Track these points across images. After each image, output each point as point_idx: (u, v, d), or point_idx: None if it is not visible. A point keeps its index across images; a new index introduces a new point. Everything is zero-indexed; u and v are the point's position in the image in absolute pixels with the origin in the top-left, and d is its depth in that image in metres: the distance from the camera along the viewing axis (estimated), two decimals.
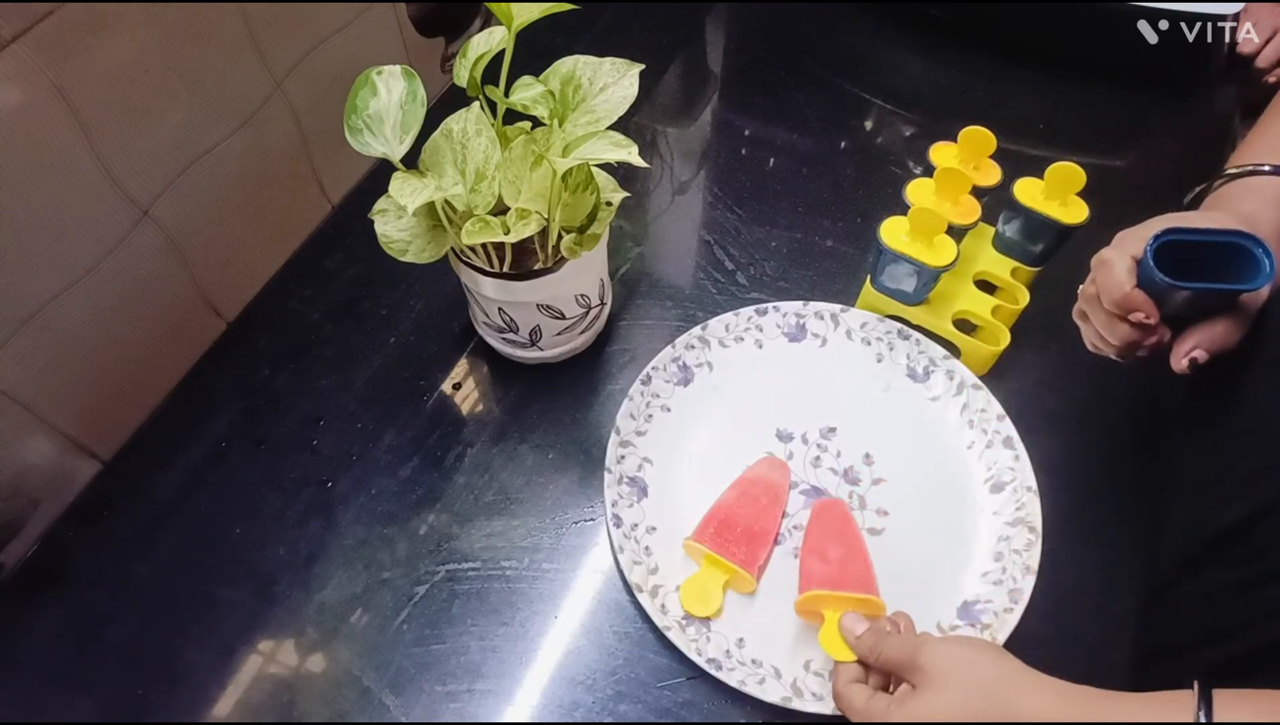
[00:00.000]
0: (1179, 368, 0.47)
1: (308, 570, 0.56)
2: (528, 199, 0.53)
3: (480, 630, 0.54)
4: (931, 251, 0.59)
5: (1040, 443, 0.58)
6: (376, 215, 0.54)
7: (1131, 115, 0.83)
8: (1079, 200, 0.61)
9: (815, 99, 0.84)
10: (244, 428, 0.62)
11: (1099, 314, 0.49)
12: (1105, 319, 0.49)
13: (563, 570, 0.56)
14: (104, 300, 0.55)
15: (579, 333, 0.63)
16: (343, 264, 0.71)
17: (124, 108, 0.51)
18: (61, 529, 0.58)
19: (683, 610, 0.53)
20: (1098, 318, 0.50)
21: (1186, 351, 0.47)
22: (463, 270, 0.56)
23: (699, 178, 0.79)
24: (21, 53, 0.45)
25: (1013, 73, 0.86)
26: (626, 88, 0.52)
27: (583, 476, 0.60)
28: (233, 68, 0.59)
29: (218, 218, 0.62)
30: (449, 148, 0.53)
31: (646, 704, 0.51)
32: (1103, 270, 0.48)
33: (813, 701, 0.50)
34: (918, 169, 0.78)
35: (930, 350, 0.63)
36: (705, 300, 0.69)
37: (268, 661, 0.53)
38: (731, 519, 0.55)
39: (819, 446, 0.61)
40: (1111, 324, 0.48)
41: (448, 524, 0.58)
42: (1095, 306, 0.49)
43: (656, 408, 0.62)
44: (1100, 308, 0.49)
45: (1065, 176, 0.60)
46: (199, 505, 0.59)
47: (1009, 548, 0.55)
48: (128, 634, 0.54)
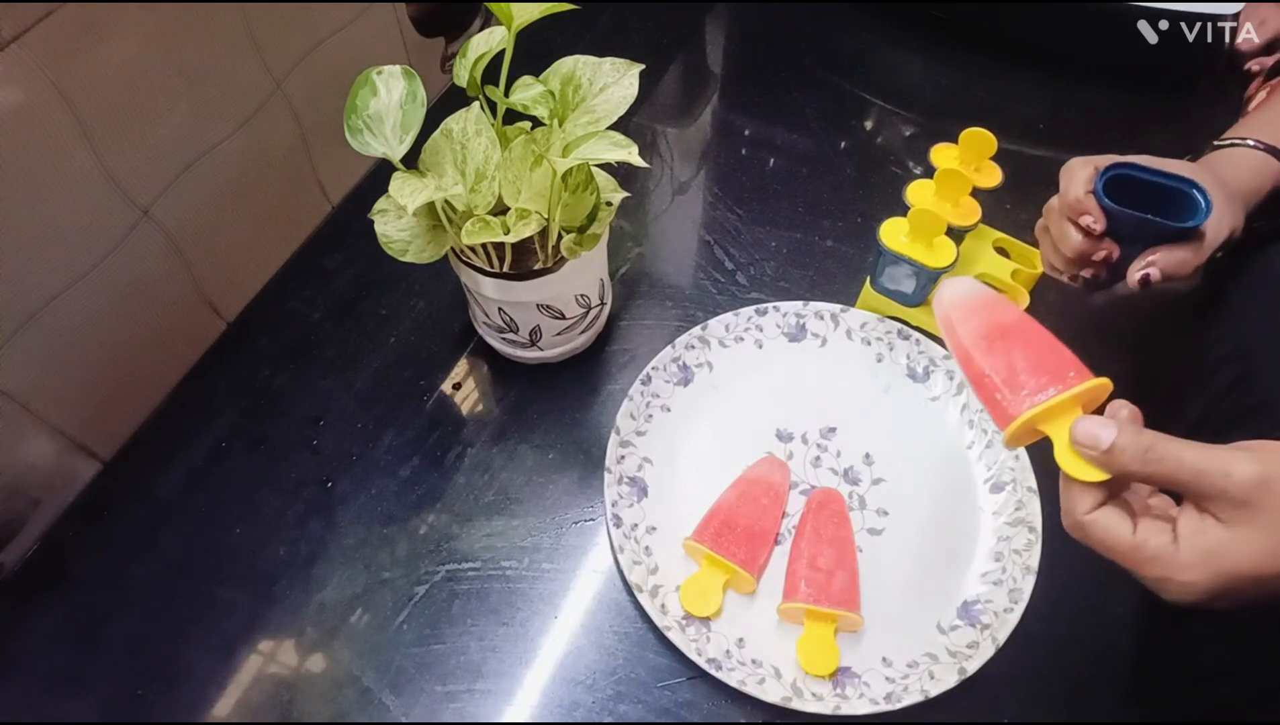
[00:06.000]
0: (1132, 282, 0.51)
1: (308, 570, 0.56)
2: (528, 199, 0.53)
3: (480, 630, 0.54)
4: (931, 253, 0.59)
5: (1040, 443, 0.58)
6: (376, 215, 0.54)
7: (1131, 115, 0.83)
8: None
9: (815, 99, 0.84)
10: (244, 428, 0.62)
11: (1056, 222, 0.53)
12: (1060, 225, 0.53)
13: (563, 570, 0.56)
14: (104, 300, 0.55)
15: (579, 333, 0.63)
16: (343, 264, 0.71)
17: (124, 108, 0.51)
18: (61, 529, 0.58)
19: (683, 610, 0.53)
20: (1055, 226, 0.54)
21: (1143, 266, 0.51)
22: (463, 270, 0.56)
23: (699, 178, 0.79)
24: (21, 53, 0.45)
25: (1013, 73, 0.86)
26: (626, 88, 0.52)
27: (583, 476, 0.60)
28: (232, 67, 0.59)
29: (218, 218, 0.62)
30: (449, 148, 0.54)
31: (646, 704, 0.51)
32: (1065, 174, 0.53)
33: (813, 701, 0.50)
34: (918, 169, 0.78)
35: (930, 350, 0.63)
36: (705, 300, 0.69)
37: (268, 661, 0.53)
38: (732, 519, 0.55)
39: (819, 446, 0.61)
40: (1064, 230, 0.52)
41: (448, 524, 0.58)
42: (1054, 215, 0.54)
43: (656, 408, 0.62)
44: (1058, 216, 0.53)
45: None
46: (199, 505, 0.59)
47: (1009, 548, 0.55)
48: (128, 634, 0.54)
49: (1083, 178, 0.51)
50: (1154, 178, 0.50)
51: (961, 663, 0.51)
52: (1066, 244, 0.53)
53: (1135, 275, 0.51)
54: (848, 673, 0.51)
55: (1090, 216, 0.50)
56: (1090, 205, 0.50)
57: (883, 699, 0.50)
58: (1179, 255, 0.50)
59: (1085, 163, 0.52)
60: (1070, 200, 0.51)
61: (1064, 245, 0.53)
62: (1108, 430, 0.35)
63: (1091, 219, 0.50)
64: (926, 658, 0.52)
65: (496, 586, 0.55)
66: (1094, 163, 0.52)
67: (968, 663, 0.50)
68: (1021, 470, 0.57)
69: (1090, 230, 0.51)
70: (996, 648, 0.51)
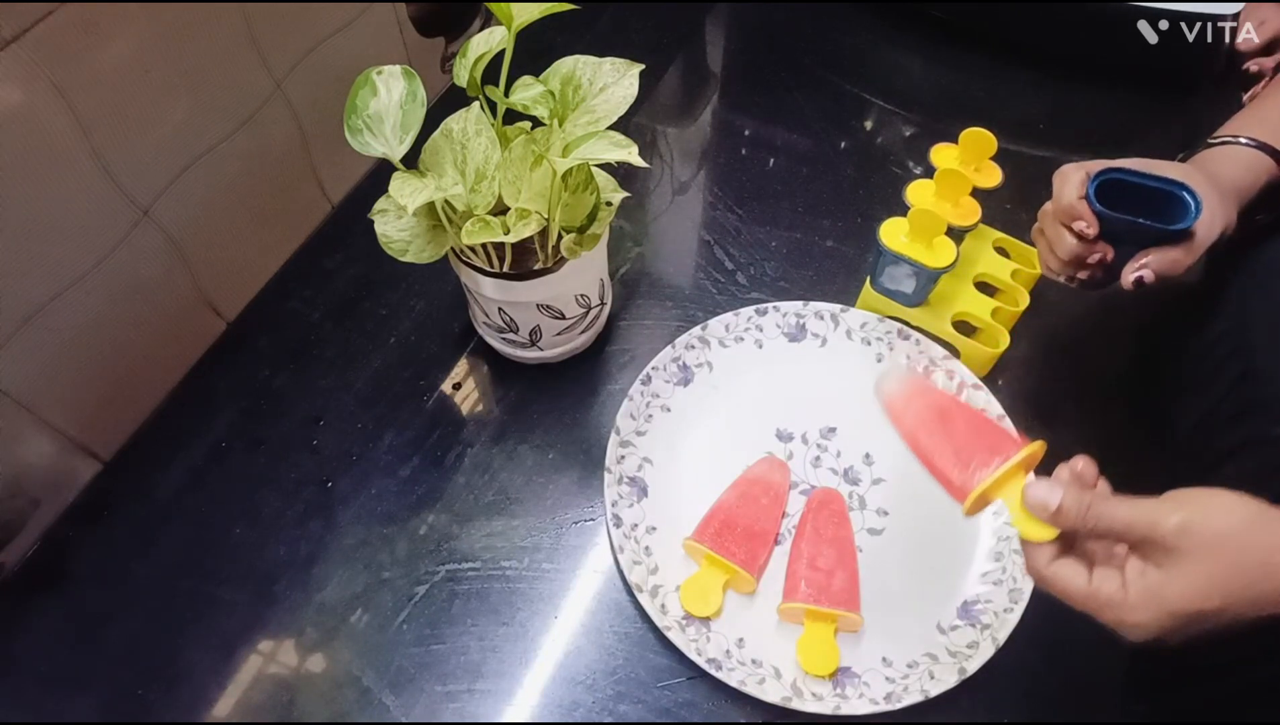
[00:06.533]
0: (1127, 283, 0.52)
1: (308, 570, 0.56)
2: (528, 199, 0.53)
3: (480, 630, 0.54)
4: (931, 253, 0.59)
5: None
6: (376, 215, 0.54)
7: (1131, 115, 0.83)
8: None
9: (815, 99, 0.84)
10: (244, 428, 0.62)
11: (1051, 226, 0.54)
12: (1055, 229, 0.54)
13: (563, 570, 0.56)
14: (104, 300, 0.55)
15: (579, 333, 0.63)
16: (343, 264, 0.71)
17: (124, 108, 0.51)
18: (61, 529, 0.58)
19: (683, 610, 0.53)
20: (1050, 230, 0.54)
21: (1136, 268, 0.51)
22: (463, 270, 0.56)
23: (699, 178, 0.79)
24: (21, 53, 0.45)
25: (1013, 73, 0.86)
26: (626, 88, 0.52)
27: (583, 476, 0.60)
28: (233, 67, 0.59)
29: (218, 218, 0.62)
30: (449, 148, 0.54)
31: (646, 704, 0.51)
32: (1058, 179, 0.53)
33: (813, 701, 0.50)
34: (918, 169, 0.78)
35: (930, 350, 0.63)
36: (705, 300, 0.69)
37: (268, 661, 0.53)
38: (732, 519, 0.55)
39: (819, 446, 0.61)
40: (1059, 234, 0.53)
41: (448, 524, 0.58)
42: (1049, 219, 0.55)
43: (656, 408, 0.62)
44: (1052, 220, 0.54)
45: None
46: (199, 505, 0.59)
47: (1009, 548, 0.55)
48: (128, 634, 0.54)
49: (1074, 183, 0.52)
50: (1144, 181, 0.51)
51: (961, 663, 0.51)
52: (1061, 248, 0.53)
53: (1130, 277, 0.51)
54: (848, 673, 0.51)
55: (1083, 222, 0.51)
56: (1083, 210, 0.51)
57: (883, 699, 0.50)
58: (1171, 256, 0.51)
59: (1077, 168, 0.53)
60: (1063, 205, 0.52)
61: (1059, 249, 0.54)
62: (1055, 493, 0.39)
63: (1084, 224, 0.51)
64: (926, 658, 0.52)
65: (496, 586, 0.55)
66: (1085, 168, 0.52)
67: (968, 663, 0.50)
68: None
69: (1084, 235, 0.52)
70: (996, 648, 0.51)
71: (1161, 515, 0.36)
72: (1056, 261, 0.55)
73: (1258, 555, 0.35)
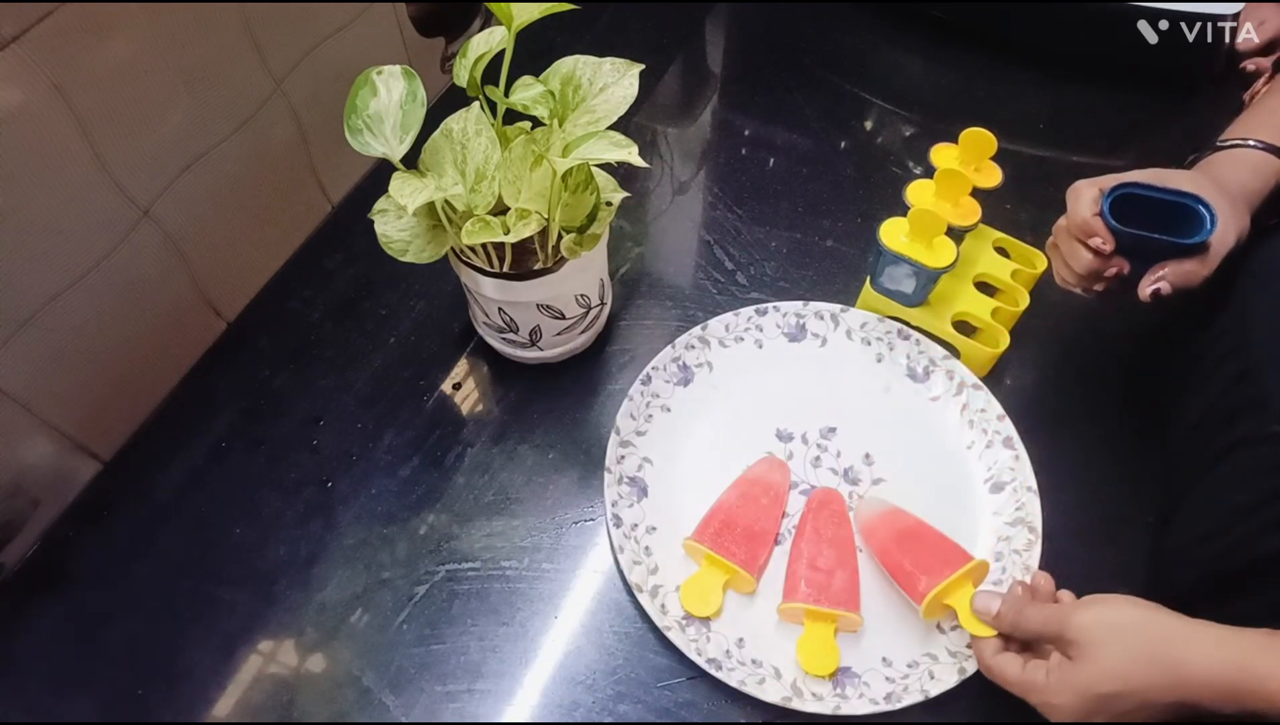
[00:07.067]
0: (1144, 297, 0.52)
1: (308, 570, 0.56)
2: (528, 199, 0.53)
3: (480, 630, 0.54)
4: (931, 253, 0.59)
5: (1040, 443, 0.58)
6: (376, 215, 0.54)
7: (1131, 115, 0.83)
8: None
9: (815, 99, 0.84)
10: (244, 428, 0.62)
11: (1066, 241, 0.55)
12: (1070, 245, 0.54)
13: (563, 570, 0.56)
14: (104, 300, 0.55)
15: (579, 333, 0.63)
16: (343, 264, 0.71)
17: (124, 108, 0.51)
18: (61, 529, 0.58)
19: (683, 610, 0.53)
20: (1065, 245, 0.55)
21: (1153, 281, 0.51)
22: (463, 270, 0.56)
23: (699, 178, 0.79)
24: (21, 53, 0.45)
25: (1013, 73, 0.86)
26: (626, 88, 0.52)
27: (583, 476, 0.60)
28: (233, 68, 0.59)
29: (218, 218, 0.62)
30: (449, 148, 0.54)
31: (646, 704, 0.51)
32: (1072, 196, 0.54)
33: (813, 701, 0.50)
34: (918, 169, 0.78)
35: (930, 350, 0.63)
36: (705, 300, 0.69)
37: (268, 661, 0.53)
38: (732, 519, 0.55)
39: (819, 446, 0.61)
40: (1074, 249, 0.54)
41: (448, 524, 0.58)
42: (1063, 235, 0.55)
43: (656, 408, 0.62)
44: (1067, 235, 0.54)
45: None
46: (199, 505, 0.59)
47: (1009, 548, 0.55)
48: (128, 634, 0.54)
49: (1088, 199, 0.52)
50: (1158, 194, 0.51)
51: (961, 663, 0.51)
52: (1077, 262, 0.54)
53: (1147, 290, 0.52)
54: (848, 673, 0.51)
55: (1099, 237, 0.51)
56: (1097, 226, 0.51)
57: (883, 699, 0.50)
58: (1187, 268, 0.51)
59: (1091, 184, 0.53)
60: (1078, 222, 0.52)
61: (1075, 263, 0.54)
62: (994, 602, 0.47)
63: (1100, 240, 0.51)
64: (926, 658, 0.52)
65: (496, 586, 0.55)
66: (1099, 184, 0.53)
67: (968, 663, 0.50)
68: (1021, 470, 0.57)
69: (1099, 250, 0.52)
70: None
71: (1072, 617, 0.43)
72: (1072, 275, 0.55)
73: (1146, 648, 0.41)
